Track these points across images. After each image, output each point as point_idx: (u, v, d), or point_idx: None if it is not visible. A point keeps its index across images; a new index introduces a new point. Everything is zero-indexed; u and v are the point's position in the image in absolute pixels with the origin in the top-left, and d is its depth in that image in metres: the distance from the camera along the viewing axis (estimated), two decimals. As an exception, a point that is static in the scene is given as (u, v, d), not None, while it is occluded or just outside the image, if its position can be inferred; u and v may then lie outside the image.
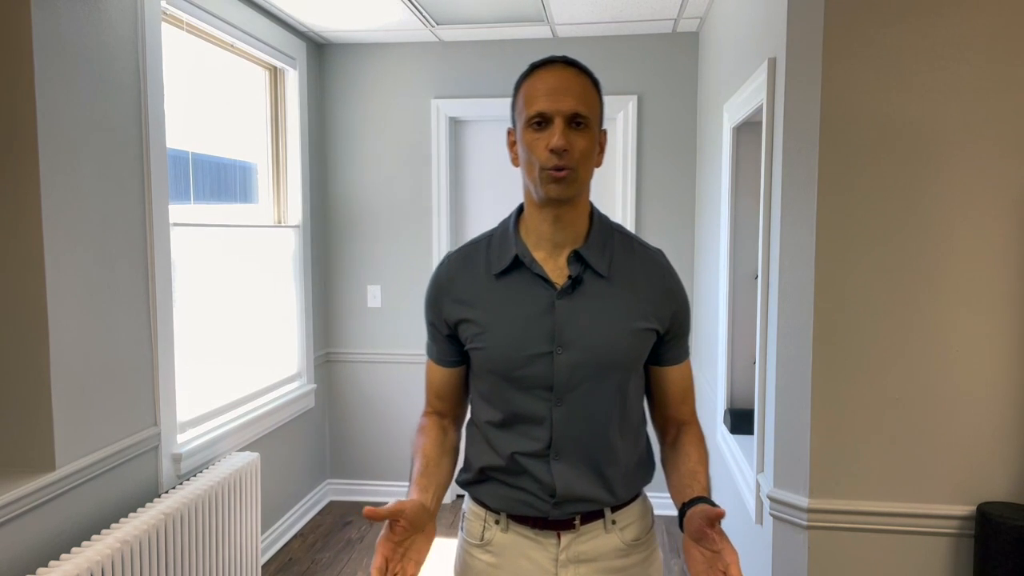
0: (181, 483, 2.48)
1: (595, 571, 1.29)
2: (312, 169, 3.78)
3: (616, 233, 1.31)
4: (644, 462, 1.36)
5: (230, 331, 3.07)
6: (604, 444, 1.27)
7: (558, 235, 1.26)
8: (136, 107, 2.33)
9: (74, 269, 2.06)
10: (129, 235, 2.30)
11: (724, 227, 2.73)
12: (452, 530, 3.63)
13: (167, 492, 2.40)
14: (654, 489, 1.52)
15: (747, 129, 2.57)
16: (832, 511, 1.73)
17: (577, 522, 1.28)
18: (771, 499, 1.81)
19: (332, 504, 3.99)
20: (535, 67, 1.23)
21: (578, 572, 1.28)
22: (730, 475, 2.51)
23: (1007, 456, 1.69)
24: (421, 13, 3.31)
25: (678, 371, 1.35)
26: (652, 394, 1.38)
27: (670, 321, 1.30)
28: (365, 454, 4.03)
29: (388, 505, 1.09)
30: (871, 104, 1.66)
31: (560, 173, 1.18)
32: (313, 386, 3.75)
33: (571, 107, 1.17)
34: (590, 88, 1.22)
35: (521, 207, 1.33)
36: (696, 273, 3.64)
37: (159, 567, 2.17)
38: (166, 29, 2.62)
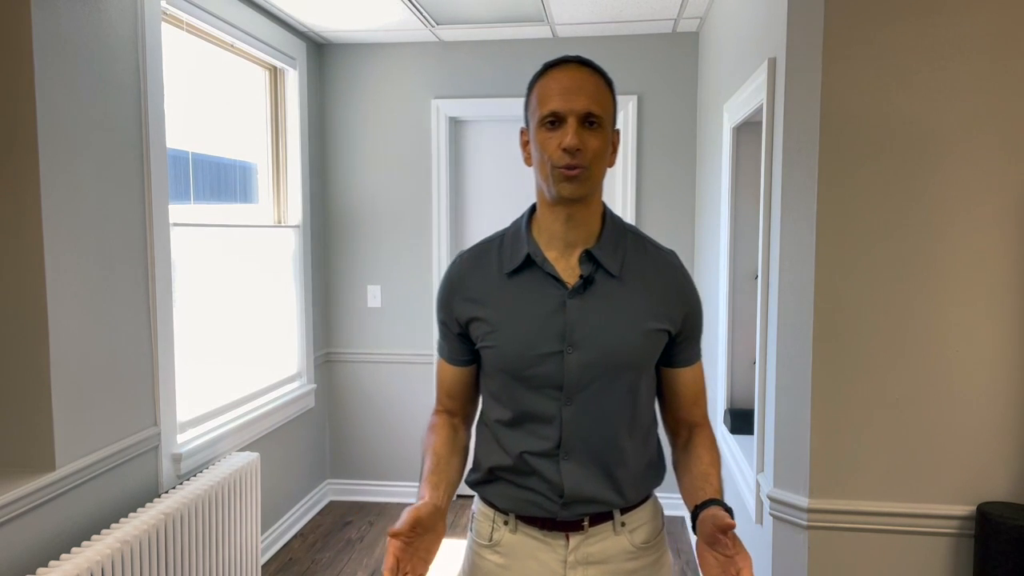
0: (181, 483, 2.48)
1: (604, 573, 1.28)
2: (312, 169, 3.78)
3: (629, 233, 1.31)
4: (654, 464, 1.35)
5: (230, 331, 3.07)
6: (614, 445, 1.26)
7: (570, 235, 1.25)
8: (136, 107, 2.33)
9: (74, 269, 2.06)
10: (129, 235, 2.30)
11: (724, 227, 2.73)
12: (454, 530, 3.63)
13: (167, 492, 2.40)
14: (662, 490, 1.52)
15: (747, 129, 2.57)
16: (832, 511, 1.73)
17: (586, 523, 1.27)
18: (771, 499, 1.81)
19: (332, 504, 3.99)
20: (549, 66, 1.23)
21: (587, 574, 1.28)
22: (730, 475, 2.51)
23: (1007, 456, 1.69)
24: (421, 13, 3.31)
25: (690, 373, 1.34)
26: (664, 396, 1.37)
27: (682, 322, 1.29)
28: (365, 454, 4.04)
29: (405, 518, 1.08)
30: (871, 104, 1.66)
31: (573, 172, 1.18)
32: (313, 386, 3.75)
33: (584, 106, 1.17)
34: (604, 88, 1.22)
35: (533, 207, 1.32)
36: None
37: (159, 567, 2.17)
38: (166, 29, 2.62)
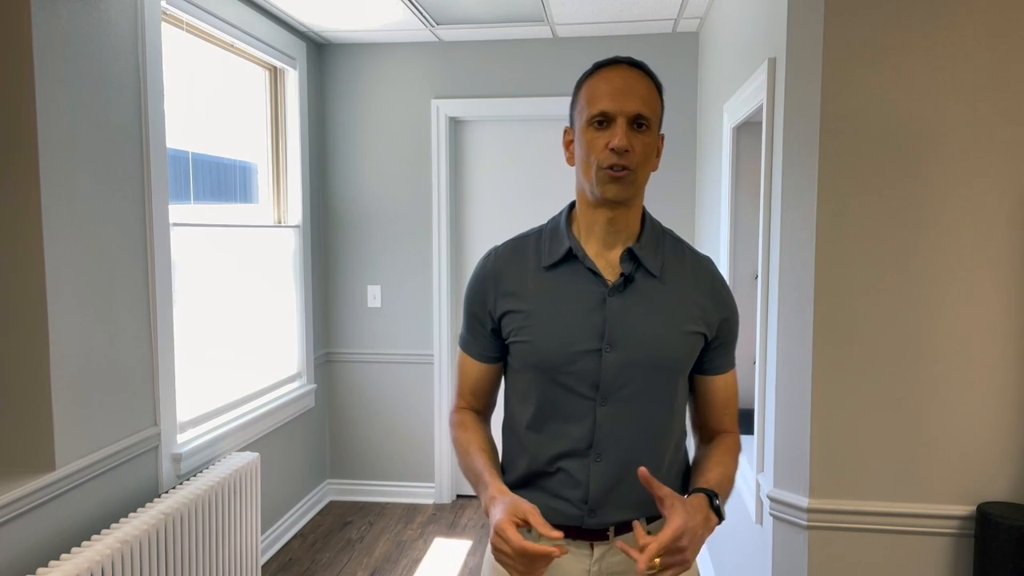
0: (181, 483, 2.48)
1: None
2: (312, 169, 3.78)
3: (668, 236, 1.31)
4: (683, 473, 1.33)
5: (230, 331, 3.07)
6: (647, 448, 1.24)
7: (610, 235, 1.24)
8: (136, 107, 2.33)
9: (74, 269, 2.06)
10: (129, 235, 2.30)
11: (724, 227, 2.73)
12: (454, 531, 3.63)
13: (167, 492, 2.40)
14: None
15: (747, 129, 2.57)
16: (832, 511, 1.73)
17: (611, 533, 1.25)
18: (771, 499, 1.81)
19: (332, 504, 3.99)
20: (599, 66, 1.22)
21: None
22: (730, 475, 2.50)
23: (1007, 456, 1.69)
24: (421, 13, 3.31)
25: (723, 380, 1.32)
26: (694, 403, 1.35)
27: (718, 328, 1.28)
28: (365, 454, 4.04)
29: (511, 509, 1.07)
30: (871, 104, 1.66)
31: (620, 173, 1.17)
32: (313, 386, 3.75)
33: (635, 108, 1.16)
34: (654, 91, 1.21)
35: (572, 204, 1.31)
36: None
37: (159, 567, 2.17)
38: (166, 29, 2.62)
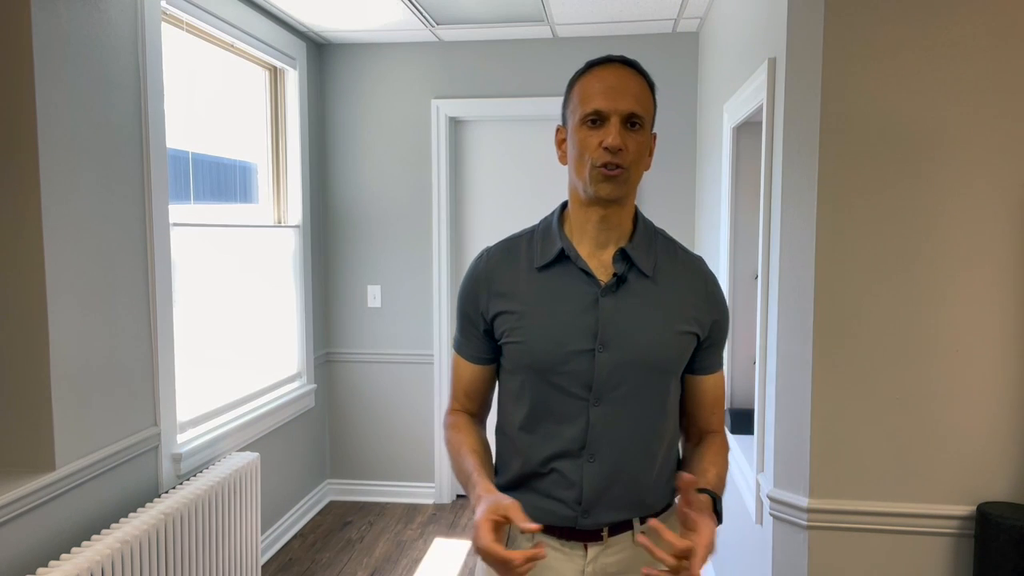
0: (181, 483, 2.48)
1: None
2: (312, 169, 3.78)
3: (660, 236, 1.31)
4: (675, 472, 1.33)
5: (230, 331, 3.07)
6: (642, 448, 1.24)
7: (603, 235, 1.24)
8: (136, 107, 2.33)
9: (74, 269, 2.06)
10: (129, 235, 2.30)
11: (724, 227, 2.73)
12: (454, 531, 3.63)
13: (167, 492, 2.40)
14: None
15: (747, 129, 2.57)
16: (832, 511, 1.73)
17: (605, 533, 1.25)
18: (771, 499, 1.81)
19: (332, 504, 3.99)
20: (592, 65, 1.22)
21: None
22: (730, 475, 2.51)
23: (1007, 456, 1.69)
24: (421, 13, 3.31)
25: (712, 380, 1.33)
26: (683, 403, 1.35)
27: (710, 328, 1.28)
28: (365, 454, 4.04)
29: (491, 507, 1.05)
30: (871, 104, 1.66)
31: (613, 172, 1.17)
32: (313, 386, 3.75)
33: (629, 107, 1.16)
34: (646, 89, 1.21)
35: (564, 204, 1.31)
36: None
37: (159, 567, 2.17)
38: (166, 29, 2.62)
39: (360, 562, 3.30)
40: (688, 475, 1.06)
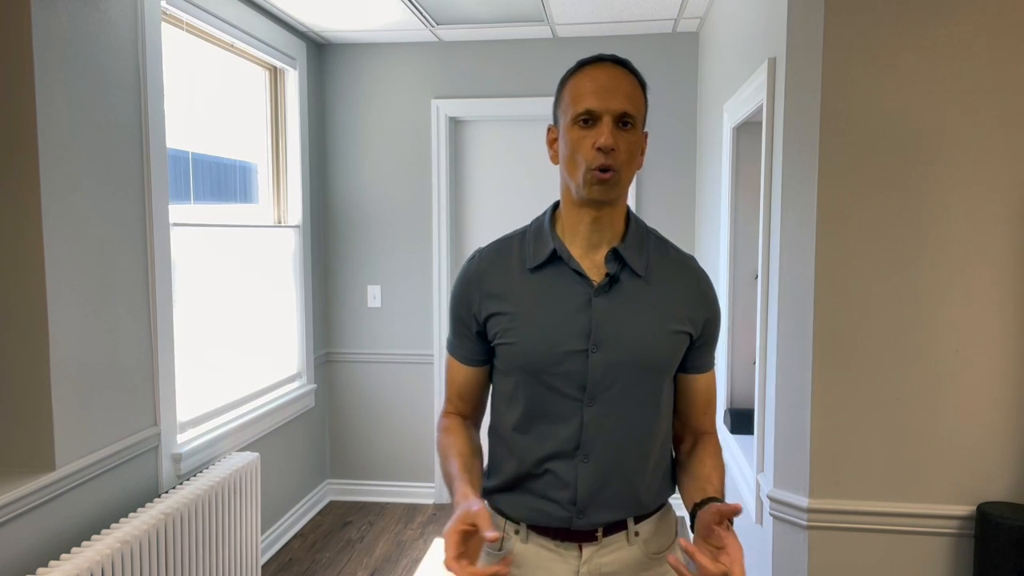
0: (181, 483, 2.48)
1: None
2: (312, 169, 3.78)
3: (652, 235, 1.30)
4: (669, 472, 1.33)
5: (230, 331, 3.07)
6: (636, 448, 1.24)
7: (595, 235, 1.24)
8: (136, 107, 2.33)
9: (74, 269, 2.06)
10: (129, 235, 2.30)
11: (724, 227, 2.73)
12: (452, 530, 3.63)
13: (167, 492, 2.40)
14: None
15: (747, 129, 2.57)
16: (832, 511, 1.73)
17: (599, 534, 1.25)
18: (771, 499, 1.81)
19: (332, 504, 3.99)
20: (583, 64, 1.21)
21: None
22: (730, 475, 2.50)
23: (1007, 456, 1.69)
24: (421, 13, 3.31)
25: (704, 380, 1.33)
26: (676, 402, 1.35)
27: (702, 327, 1.28)
28: (365, 454, 4.04)
29: (461, 515, 1.05)
30: (871, 104, 1.66)
31: (606, 174, 1.16)
32: (313, 386, 3.75)
33: (621, 106, 1.16)
34: (638, 89, 1.20)
35: (556, 204, 1.31)
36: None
37: (159, 567, 2.17)
38: (166, 29, 2.62)
39: (360, 562, 3.30)
40: (725, 506, 1.07)
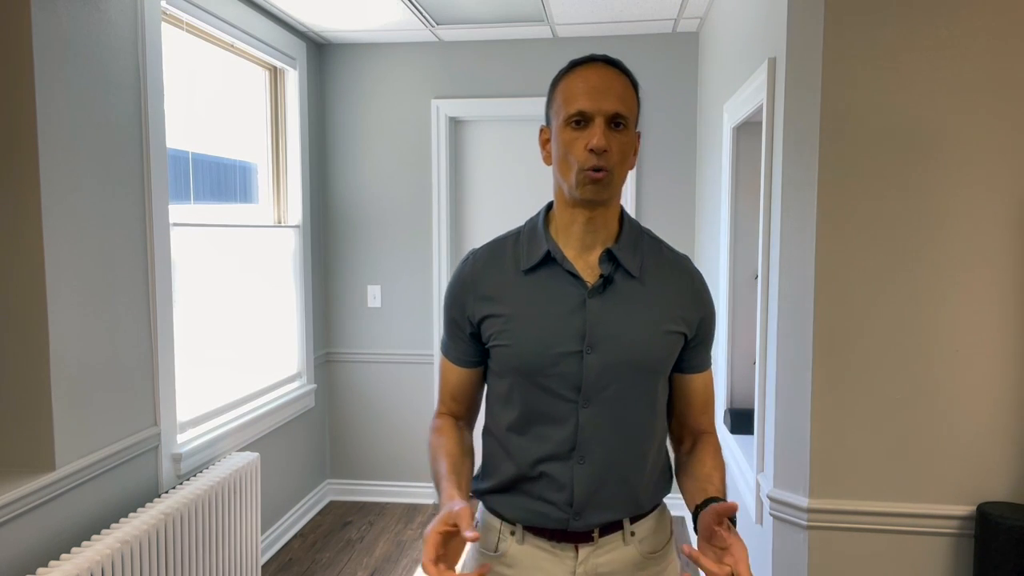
0: (181, 483, 2.48)
1: None
2: (312, 169, 3.78)
3: (645, 236, 1.30)
4: (666, 471, 1.34)
5: (230, 331, 3.07)
6: (632, 449, 1.24)
7: (588, 236, 1.24)
8: (136, 107, 2.33)
9: (74, 269, 2.06)
10: (129, 235, 2.30)
11: (724, 227, 2.73)
12: (452, 530, 3.63)
13: (167, 492, 2.40)
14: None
15: (747, 129, 2.57)
16: (832, 511, 1.73)
17: (595, 534, 1.25)
18: (771, 499, 1.81)
19: (332, 504, 3.99)
20: (575, 64, 1.21)
21: None
22: (730, 475, 2.51)
23: (1007, 456, 1.69)
24: (421, 13, 3.31)
25: (701, 379, 1.33)
26: (673, 402, 1.35)
27: (697, 326, 1.28)
28: (365, 454, 4.04)
29: (443, 517, 1.06)
30: (871, 104, 1.66)
31: (599, 175, 1.16)
32: (313, 386, 3.75)
33: (613, 107, 1.15)
34: (630, 89, 1.20)
35: (549, 204, 1.31)
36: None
37: (159, 567, 2.17)
38: (166, 29, 2.62)
39: (360, 562, 3.30)
40: (722, 505, 1.07)
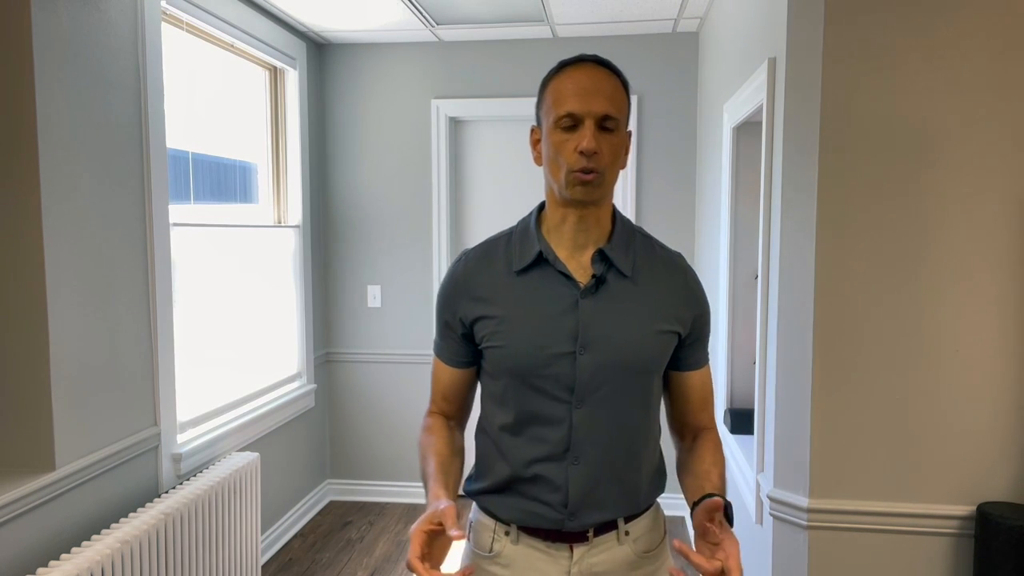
0: (181, 483, 2.48)
1: None
2: (312, 169, 3.78)
3: (638, 235, 1.30)
4: (660, 470, 1.34)
5: (230, 331, 3.07)
6: (625, 449, 1.24)
7: (581, 236, 1.23)
8: (136, 107, 2.33)
9: (74, 269, 2.06)
10: (129, 235, 2.30)
11: (724, 227, 2.73)
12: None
13: (167, 492, 2.40)
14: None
15: (747, 129, 2.57)
16: (832, 511, 1.73)
17: (590, 534, 1.25)
18: (771, 499, 1.81)
19: (332, 504, 3.99)
20: (564, 65, 1.20)
21: None
22: (730, 475, 2.51)
23: (1007, 456, 1.69)
24: (421, 13, 3.31)
25: (698, 376, 1.32)
26: (671, 400, 1.35)
27: (691, 324, 1.28)
28: (365, 454, 4.04)
29: (429, 516, 1.06)
30: (871, 104, 1.66)
31: (588, 176, 1.15)
32: (313, 386, 3.75)
33: (602, 108, 1.15)
34: (620, 89, 1.19)
35: (542, 205, 1.30)
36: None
37: (159, 567, 2.17)
38: (166, 29, 2.62)
39: (360, 562, 3.30)
40: (709, 502, 1.08)
